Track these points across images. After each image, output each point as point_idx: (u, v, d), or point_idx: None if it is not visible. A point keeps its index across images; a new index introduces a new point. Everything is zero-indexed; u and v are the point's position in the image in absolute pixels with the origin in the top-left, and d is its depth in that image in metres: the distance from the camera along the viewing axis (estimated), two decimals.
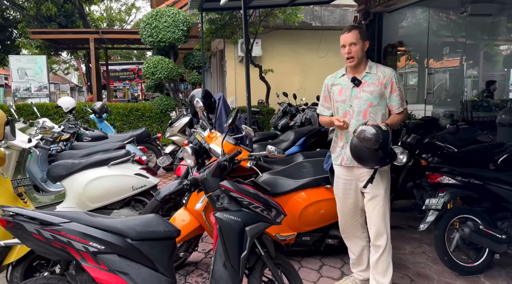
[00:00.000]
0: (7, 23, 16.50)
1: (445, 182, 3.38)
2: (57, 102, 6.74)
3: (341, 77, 2.87)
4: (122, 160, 3.95)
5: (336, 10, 12.93)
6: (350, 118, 2.77)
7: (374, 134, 2.46)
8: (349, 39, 2.71)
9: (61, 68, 29.33)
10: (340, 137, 2.90)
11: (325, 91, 2.96)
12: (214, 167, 2.56)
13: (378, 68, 2.79)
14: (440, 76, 9.40)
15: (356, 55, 2.71)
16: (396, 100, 2.77)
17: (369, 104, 2.74)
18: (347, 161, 2.84)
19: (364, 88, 2.75)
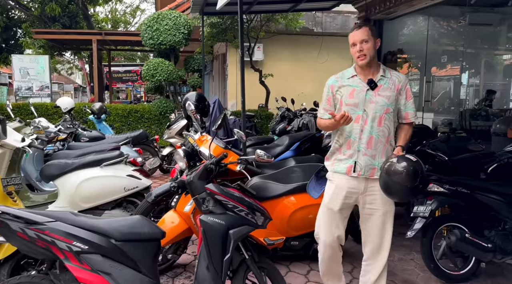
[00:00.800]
0: (11, 22, 16.63)
1: (433, 190, 3.40)
2: (56, 102, 6.79)
3: (350, 78, 2.63)
4: (115, 161, 3.99)
5: (338, 16, 12.99)
6: (363, 124, 2.54)
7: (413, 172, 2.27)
8: (360, 36, 2.49)
9: (64, 68, 29.49)
10: (347, 144, 2.60)
11: (328, 93, 2.70)
12: (201, 170, 2.60)
13: (391, 72, 2.63)
14: (439, 84, 9.42)
15: (368, 53, 2.49)
16: (412, 107, 2.64)
17: (386, 110, 2.53)
18: (360, 171, 2.57)
19: (380, 92, 2.54)
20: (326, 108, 2.73)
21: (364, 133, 2.56)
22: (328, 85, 2.71)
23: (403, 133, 2.65)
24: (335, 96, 2.66)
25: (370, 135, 2.55)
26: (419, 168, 2.30)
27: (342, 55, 11.55)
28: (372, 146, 2.55)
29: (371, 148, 2.56)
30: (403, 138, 2.63)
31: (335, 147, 2.71)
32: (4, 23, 15.52)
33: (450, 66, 8.96)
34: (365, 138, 2.55)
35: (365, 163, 2.56)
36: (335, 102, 2.67)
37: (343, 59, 11.57)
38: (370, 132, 2.54)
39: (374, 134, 2.55)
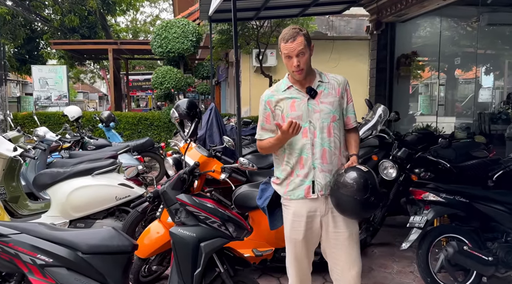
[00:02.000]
0: (34, 34, 17.18)
1: (429, 199, 3.22)
2: (63, 111, 6.90)
3: (286, 90, 2.37)
4: (106, 169, 3.97)
5: (352, 20, 12.80)
6: (312, 136, 2.30)
7: (363, 183, 2.11)
8: (295, 49, 2.22)
9: (87, 77, 30.22)
10: (300, 163, 2.32)
11: (266, 110, 2.38)
12: (175, 180, 2.53)
13: (328, 76, 2.41)
14: (454, 87, 9.10)
15: (305, 66, 2.26)
16: (353, 111, 2.45)
17: (332, 118, 2.32)
18: (321, 190, 2.29)
19: (322, 100, 2.33)
20: (265, 127, 2.40)
21: (315, 147, 2.30)
22: (264, 101, 2.40)
23: (352, 140, 2.44)
24: (274, 112, 2.37)
25: (322, 148, 2.30)
26: (369, 178, 2.13)
27: (354, 59, 11.38)
28: (327, 160, 2.31)
29: (327, 163, 2.31)
30: (353, 145, 2.42)
31: (286, 169, 2.37)
32: (26, 35, 16.03)
33: (466, 68, 8.65)
34: (318, 152, 2.30)
35: (324, 181, 2.29)
36: (276, 118, 2.37)
37: (356, 62, 11.41)
38: (322, 145, 2.30)
39: (326, 146, 2.31)
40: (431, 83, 9.61)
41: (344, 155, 2.40)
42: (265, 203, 2.46)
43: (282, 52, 2.28)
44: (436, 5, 7.02)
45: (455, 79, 9.05)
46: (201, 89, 9.92)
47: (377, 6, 8.19)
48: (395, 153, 3.97)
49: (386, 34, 8.47)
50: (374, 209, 2.22)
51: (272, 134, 2.37)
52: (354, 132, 2.47)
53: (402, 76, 8.64)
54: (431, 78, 9.75)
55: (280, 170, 2.42)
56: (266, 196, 2.48)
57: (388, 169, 3.94)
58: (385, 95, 8.49)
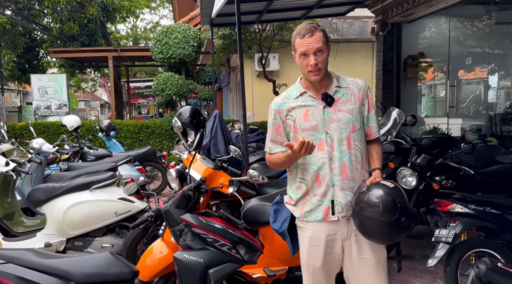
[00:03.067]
0: (34, 43, 17.02)
1: (457, 211, 2.95)
2: (62, 120, 6.66)
3: (299, 96, 2.09)
4: (105, 183, 3.71)
5: (355, 22, 12.61)
6: (330, 149, 2.01)
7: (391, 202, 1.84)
8: (314, 45, 1.95)
9: (88, 85, 30.11)
10: (317, 181, 2.04)
11: (276, 120, 2.11)
12: (178, 198, 2.27)
13: (346, 79, 2.14)
14: (465, 88, 8.85)
15: (323, 66, 1.99)
16: (375, 119, 2.16)
17: (352, 128, 2.04)
18: (342, 212, 2.02)
19: (340, 107, 2.05)
20: (275, 139, 2.13)
21: (334, 162, 2.01)
22: (274, 110, 2.12)
23: (374, 153, 2.15)
24: (285, 122, 2.10)
25: (341, 162, 2.02)
26: (397, 196, 1.86)
27: (359, 61, 11.17)
28: (348, 176, 2.03)
29: (348, 179, 2.03)
30: (376, 158, 2.14)
31: (300, 188, 2.09)
32: (26, 44, 15.87)
33: (476, 69, 8.40)
34: (337, 167, 2.01)
35: (345, 200, 2.01)
36: (287, 129, 2.11)
37: (361, 65, 11.18)
38: (341, 159, 2.02)
39: (346, 160, 2.03)
40: (439, 84, 9.36)
41: (367, 169, 2.13)
42: (285, 227, 2.15)
43: (297, 50, 2.01)
44: (444, 4, 6.79)
45: (465, 80, 8.80)
46: (203, 95, 9.69)
47: (382, 7, 8.00)
48: (414, 159, 3.71)
49: (392, 35, 8.29)
50: (406, 232, 1.91)
51: (283, 148, 2.06)
52: (376, 143, 2.19)
53: (409, 77, 8.45)
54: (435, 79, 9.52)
55: (294, 188, 2.14)
56: (283, 218, 2.18)
57: (407, 177, 3.68)
58: (393, 98, 8.31)
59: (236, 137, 4.60)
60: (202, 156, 3.01)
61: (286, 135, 2.12)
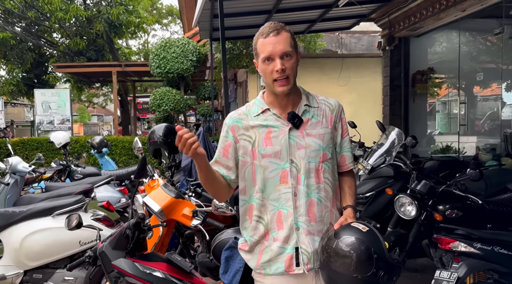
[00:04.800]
0: (43, 58, 17.12)
1: (460, 250, 2.53)
2: (50, 137, 6.42)
3: (260, 114, 1.72)
4: (69, 209, 3.38)
5: (363, 37, 12.33)
6: (294, 182, 1.65)
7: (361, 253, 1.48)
8: (281, 46, 1.61)
9: (99, 101, 30.32)
10: (278, 222, 1.66)
11: (227, 138, 1.74)
12: (116, 237, 1.91)
13: (317, 98, 1.79)
14: (477, 104, 8.40)
15: (292, 75, 1.64)
16: (349, 147, 1.80)
17: (323, 157, 1.69)
18: (308, 263, 1.64)
19: (309, 131, 1.70)
20: (220, 161, 1.74)
21: (299, 198, 1.64)
22: (228, 125, 1.75)
23: (346, 187, 1.79)
24: (239, 143, 1.71)
25: (308, 199, 1.66)
26: (373, 243, 1.49)
27: (367, 77, 10.83)
28: (316, 216, 1.66)
29: (316, 221, 1.66)
30: (348, 194, 1.77)
31: (257, 229, 1.70)
32: (34, 59, 15.93)
33: (489, 84, 7.96)
34: (303, 205, 1.64)
35: (312, 248, 1.64)
36: (240, 152, 1.72)
37: (369, 80, 10.80)
38: (308, 195, 1.65)
39: (314, 196, 1.67)
40: (450, 100, 8.93)
41: (338, 208, 1.75)
42: (236, 281, 1.78)
43: (259, 54, 1.66)
44: (454, 17, 6.47)
45: (478, 96, 8.36)
46: (202, 111, 9.42)
47: (389, 21, 7.72)
48: (413, 186, 3.29)
49: (400, 50, 8.02)
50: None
51: (225, 172, 1.72)
52: (350, 176, 1.83)
53: (418, 94, 8.10)
54: (448, 96, 9.11)
55: (248, 229, 1.74)
56: (235, 269, 1.81)
57: (405, 206, 3.26)
58: (401, 114, 7.97)
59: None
60: (165, 182, 2.67)
61: (236, 159, 1.73)
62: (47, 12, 13.83)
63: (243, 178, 1.73)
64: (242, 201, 1.74)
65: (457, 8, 6.02)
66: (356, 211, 1.71)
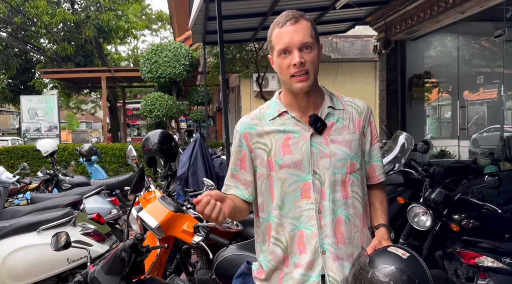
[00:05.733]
0: (30, 64, 16.73)
1: (486, 265, 2.32)
2: (36, 145, 6.12)
3: (276, 117, 1.48)
4: (56, 224, 3.11)
5: (357, 41, 12.23)
6: (318, 197, 1.41)
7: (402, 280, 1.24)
8: (299, 36, 1.37)
9: (88, 107, 29.88)
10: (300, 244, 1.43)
11: (242, 148, 1.50)
12: (110, 260, 1.66)
13: (342, 99, 1.53)
14: (475, 109, 8.31)
15: (313, 70, 1.40)
16: (379, 156, 1.56)
17: (350, 168, 1.44)
18: None
19: (333, 137, 1.45)
20: (238, 175, 1.51)
21: (325, 216, 1.40)
22: (240, 133, 1.51)
23: (377, 203, 1.54)
24: (253, 153, 1.48)
25: (335, 216, 1.41)
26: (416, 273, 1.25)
27: (361, 81, 10.72)
28: (344, 237, 1.42)
29: (345, 243, 1.42)
30: (380, 211, 1.52)
31: (274, 253, 1.46)
32: (21, 65, 15.54)
33: (488, 88, 7.87)
34: (329, 224, 1.40)
35: (341, 275, 1.40)
36: (256, 163, 1.48)
37: (363, 85, 10.68)
38: (334, 212, 1.41)
39: (342, 213, 1.42)
40: (448, 104, 8.84)
41: (369, 226, 1.52)
42: None
43: (275, 47, 1.41)
44: (452, 19, 6.34)
45: (477, 100, 8.27)
46: (194, 117, 9.17)
47: (385, 24, 7.59)
48: (427, 194, 3.09)
49: (396, 53, 7.89)
50: None
51: (244, 193, 1.48)
52: (381, 189, 1.57)
53: (415, 98, 7.97)
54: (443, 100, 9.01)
55: (265, 252, 1.50)
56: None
57: (419, 216, 3.05)
58: (398, 119, 7.83)
59: (219, 165, 4.01)
60: (163, 195, 2.42)
61: (254, 170, 1.49)
62: (33, 16, 13.49)
63: (260, 193, 1.49)
64: (261, 219, 1.50)
65: (456, 10, 5.88)
66: (391, 231, 1.48)
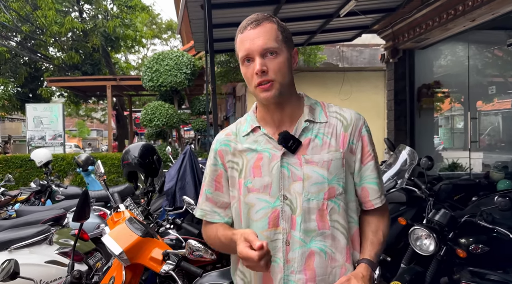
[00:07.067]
0: (39, 73, 16.81)
1: None
2: (30, 155, 5.99)
3: (250, 134, 1.31)
4: (29, 242, 2.90)
5: (365, 50, 12.04)
6: (287, 227, 1.24)
7: None
8: (260, 41, 1.19)
9: (97, 115, 30.06)
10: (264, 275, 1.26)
11: (217, 167, 1.35)
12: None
13: (328, 108, 1.33)
14: (488, 120, 7.98)
15: (279, 78, 1.21)
16: (373, 177, 1.31)
17: (328, 193, 1.24)
18: None
19: (309, 156, 1.25)
20: (214, 198, 1.35)
21: (293, 248, 1.22)
22: (215, 150, 1.36)
23: (369, 232, 1.31)
24: (228, 173, 1.33)
25: (306, 250, 1.23)
26: None
27: (369, 91, 10.47)
28: (315, 274, 1.22)
29: (315, 281, 1.22)
30: (370, 242, 1.28)
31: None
32: (29, 73, 15.61)
33: (501, 98, 7.56)
34: (298, 258, 1.22)
35: None
36: (231, 184, 1.33)
37: (371, 94, 10.42)
38: (306, 244, 1.23)
39: (315, 246, 1.23)
40: (458, 115, 8.52)
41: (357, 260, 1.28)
42: None
43: (238, 55, 1.26)
44: (463, 27, 6.09)
45: (489, 111, 7.95)
46: (196, 126, 8.99)
47: (392, 32, 7.37)
48: (431, 216, 2.82)
49: (404, 62, 7.67)
50: None
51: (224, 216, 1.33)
52: (377, 216, 1.33)
53: (424, 108, 7.71)
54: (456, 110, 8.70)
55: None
56: None
57: (422, 239, 2.78)
58: (406, 130, 7.56)
59: None
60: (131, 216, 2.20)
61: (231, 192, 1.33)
62: (41, 26, 13.55)
63: (233, 218, 1.34)
64: None
65: (466, 18, 5.62)
66: (375, 269, 1.23)
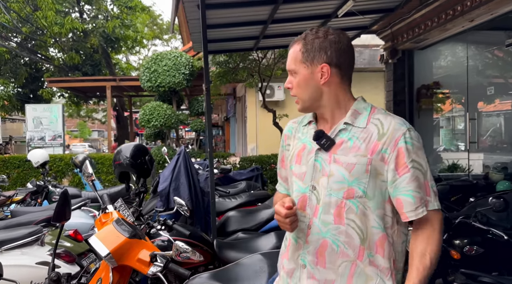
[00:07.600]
0: (39, 74, 16.84)
1: None
2: (27, 155, 5.98)
3: (306, 125, 1.48)
4: (19, 243, 2.89)
5: (365, 51, 12.00)
6: (311, 213, 1.36)
7: None
8: (287, 63, 1.44)
9: (99, 116, 30.13)
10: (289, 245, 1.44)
11: (282, 148, 1.58)
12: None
13: (373, 115, 1.36)
14: (487, 120, 7.96)
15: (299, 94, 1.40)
16: (408, 189, 1.27)
17: (347, 193, 1.30)
18: None
19: (338, 156, 1.33)
20: (280, 173, 1.60)
21: (312, 233, 1.34)
22: (284, 133, 1.57)
23: (414, 253, 1.28)
24: (285, 154, 1.55)
25: (321, 238, 1.33)
26: None
27: (369, 91, 10.46)
28: (326, 261, 1.32)
29: (325, 266, 1.32)
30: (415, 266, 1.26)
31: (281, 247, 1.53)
32: (30, 74, 15.63)
33: (500, 100, 7.54)
34: (314, 243, 1.34)
35: None
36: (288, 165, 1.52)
37: (371, 95, 10.40)
38: (321, 233, 1.32)
39: (329, 238, 1.31)
40: (458, 116, 8.50)
41: (378, 264, 1.30)
42: None
43: None
44: (461, 28, 6.05)
45: (488, 112, 7.93)
46: (195, 127, 8.99)
47: (391, 32, 7.34)
48: None
49: (403, 63, 7.63)
50: None
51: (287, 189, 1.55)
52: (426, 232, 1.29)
53: (423, 109, 7.69)
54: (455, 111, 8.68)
55: None
56: None
57: None
58: None
59: (205, 180, 3.78)
60: (120, 216, 2.18)
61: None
62: (42, 27, 13.56)
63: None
64: None
65: (464, 18, 5.59)
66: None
